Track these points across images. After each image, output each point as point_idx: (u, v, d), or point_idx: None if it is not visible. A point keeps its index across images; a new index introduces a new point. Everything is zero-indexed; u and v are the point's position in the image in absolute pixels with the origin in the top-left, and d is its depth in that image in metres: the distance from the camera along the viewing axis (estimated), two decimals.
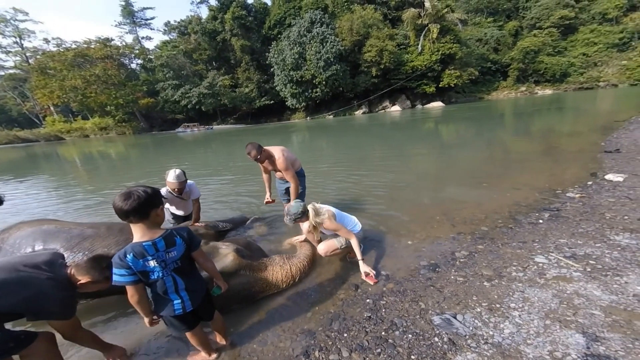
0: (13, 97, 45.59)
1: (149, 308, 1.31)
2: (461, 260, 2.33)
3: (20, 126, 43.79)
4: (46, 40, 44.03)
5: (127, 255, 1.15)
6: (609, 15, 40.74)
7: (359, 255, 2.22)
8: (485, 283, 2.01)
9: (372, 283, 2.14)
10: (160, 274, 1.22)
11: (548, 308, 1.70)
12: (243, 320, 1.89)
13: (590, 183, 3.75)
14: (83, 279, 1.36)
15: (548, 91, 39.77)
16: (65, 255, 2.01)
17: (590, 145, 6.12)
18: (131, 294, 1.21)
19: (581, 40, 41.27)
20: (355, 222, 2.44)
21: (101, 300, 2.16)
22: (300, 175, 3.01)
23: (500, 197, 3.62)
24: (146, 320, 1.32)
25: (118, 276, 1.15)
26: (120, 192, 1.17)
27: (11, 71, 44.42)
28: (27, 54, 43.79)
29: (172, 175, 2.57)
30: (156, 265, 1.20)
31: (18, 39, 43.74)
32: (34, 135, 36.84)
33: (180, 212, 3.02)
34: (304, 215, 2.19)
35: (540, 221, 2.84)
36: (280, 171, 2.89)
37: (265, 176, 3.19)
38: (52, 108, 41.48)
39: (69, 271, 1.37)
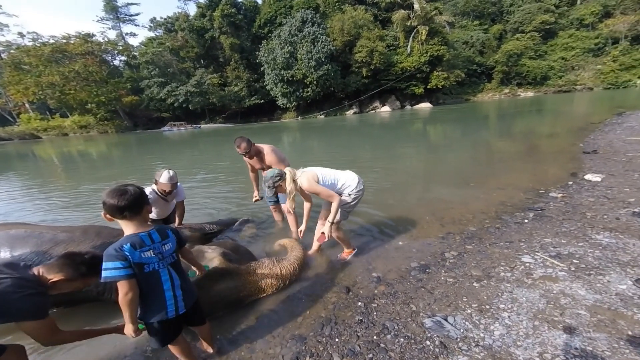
0: None
1: (137, 311, 1.22)
2: (451, 260, 2.34)
3: None
4: (21, 35, 41.65)
5: (124, 246, 1.11)
6: (586, 21, 42.84)
7: (331, 217, 2.15)
8: (474, 284, 2.02)
9: (319, 243, 2.30)
10: (156, 266, 1.18)
11: (536, 308, 1.73)
12: (231, 326, 1.82)
13: (570, 183, 3.89)
14: (56, 277, 1.25)
15: (529, 93, 41.35)
16: (36, 262, 1.86)
17: (569, 146, 6.38)
18: (125, 290, 1.12)
19: (560, 44, 43.17)
20: (346, 184, 2.27)
21: (67, 311, 2.02)
22: None
23: (486, 196, 3.70)
24: (130, 328, 1.20)
25: (111, 270, 1.08)
26: (111, 189, 1.15)
27: None
28: (0, 48, 41.30)
29: (165, 177, 2.43)
30: (153, 256, 1.17)
31: None
32: (7, 133, 34.72)
33: (156, 215, 2.74)
34: (281, 178, 2.11)
35: (526, 221, 2.90)
36: (268, 167, 2.81)
37: (252, 175, 3.12)
38: (27, 105, 39.25)
39: (36, 271, 1.26)
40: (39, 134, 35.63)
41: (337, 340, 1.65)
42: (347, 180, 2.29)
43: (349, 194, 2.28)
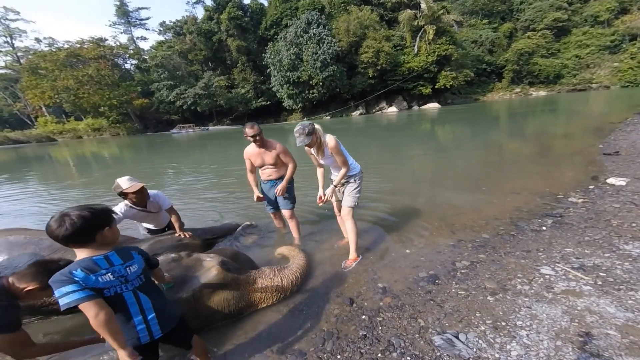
0: (4, 97, 44.71)
1: (122, 333, 1.03)
2: (462, 271, 2.19)
3: (11, 127, 42.95)
4: (38, 40, 43.47)
5: (74, 271, 0.97)
6: (601, 18, 41.42)
7: (336, 181, 2.37)
8: (488, 297, 1.87)
9: (319, 204, 2.46)
10: (119, 289, 1.04)
11: (558, 327, 1.57)
12: (228, 339, 1.73)
13: (592, 187, 3.65)
14: (29, 286, 1.19)
15: (542, 92, 40.23)
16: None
17: (587, 147, 6.07)
18: (94, 312, 0.93)
19: (574, 42, 41.88)
20: (353, 165, 2.48)
21: (47, 323, 1.94)
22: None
23: (500, 201, 3.51)
24: (123, 354, 0.97)
25: (68, 295, 0.91)
26: (53, 216, 1.01)
27: (2, 71, 43.58)
28: (19, 54, 43.05)
29: (124, 180, 2.20)
30: (113, 279, 1.03)
31: (9, 39, 43.06)
32: (25, 136, 36.14)
33: (152, 226, 2.65)
34: (314, 130, 2.26)
35: (544, 228, 2.72)
36: (271, 165, 2.70)
37: (250, 176, 2.86)
38: (43, 109, 40.78)
39: (5, 281, 1.20)
40: (55, 137, 36.90)
41: (338, 357, 1.54)
42: (354, 163, 2.49)
43: (354, 177, 2.45)
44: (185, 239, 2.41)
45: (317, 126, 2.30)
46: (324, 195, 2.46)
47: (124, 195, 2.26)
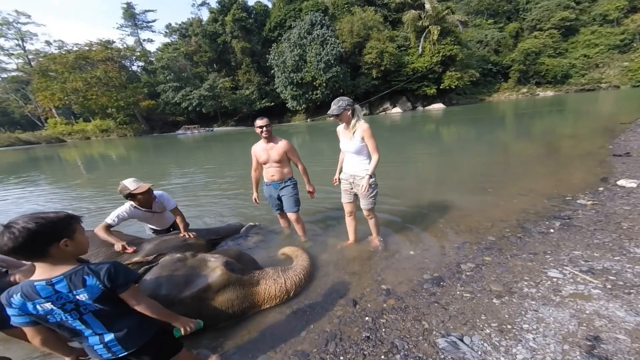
0: (15, 99, 45.76)
1: (64, 346, 1.09)
2: (467, 273, 2.17)
3: (22, 128, 43.95)
4: (48, 43, 44.41)
5: (14, 297, 0.92)
6: (610, 17, 40.69)
7: (370, 170, 2.31)
8: (494, 300, 1.85)
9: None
10: (62, 317, 0.96)
11: (566, 330, 1.54)
12: (231, 339, 1.74)
13: (601, 189, 3.57)
14: None
15: (549, 93, 39.65)
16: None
17: (596, 148, 5.95)
18: (30, 336, 0.98)
19: (582, 41, 41.21)
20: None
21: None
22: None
23: (506, 203, 3.46)
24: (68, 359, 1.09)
25: (12, 317, 0.94)
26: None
27: (14, 73, 44.65)
28: (30, 57, 44.07)
29: (129, 181, 2.27)
30: (54, 308, 0.93)
31: (20, 42, 44.07)
32: (36, 137, 36.90)
33: (156, 227, 2.69)
34: (348, 108, 2.25)
35: (551, 230, 2.67)
36: (276, 163, 2.65)
37: (254, 174, 2.86)
38: (53, 110, 41.61)
39: (12, 279, 1.22)
40: (64, 138, 37.60)
41: (341, 358, 1.54)
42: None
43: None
44: (190, 239, 2.43)
45: (357, 106, 2.34)
46: (362, 187, 2.35)
47: (130, 196, 2.29)
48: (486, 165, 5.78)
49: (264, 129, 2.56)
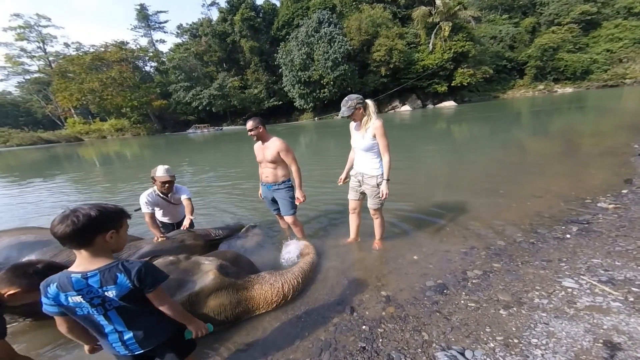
0: (38, 100, 47.90)
1: (86, 335, 1.15)
2: (473, 281, 2.05)
3: (44, 128, 45.97)
4: (66, 45, 46.16)
5: (50, 286, 0.96)
6: (636, 9, 38.42)
7: (386, 174, 2.28)
8: (501, 311, 1.72)
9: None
10: (89, 311, 0.99)
11: (579, 347, 1.41)
12: (223, 345, 1.70)
13: (625, 192, 3.33)
14: (10, 290, 1.19)
15: (568, 89, 37.90)
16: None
17: (619, 147, 5.59)
18: (58, 323, 1.07)
19: (604, 36, 39.13)
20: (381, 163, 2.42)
21: (40, 323, 1.94)
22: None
23: (519, 205, 3.28)
24: (86, 348, 1.19)
25: (44, 305, 1.00)
26: (64, 211, 0.96)
27: (36, 75, 46.70)
28: (50, 58, 45.97)
29: (161, 169, 2.49)
30: (82, 301, 0.97)
31: (41, 44, 45.98)
32: (56, 136, 38.56)
33: (167, 219, 2.80)
34: (359, 106, 2.20)
35: (568, 236, 2.50)
36: (270, 163, 2.58)
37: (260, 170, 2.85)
38: (72, 110, 43.33)
39: None
40: (82, 137, 39.14)
41: None
42: (381, 163, 2.40)
43: (379, 177, 2.36)
44: (188, 240, 2.41)
45: (369, 102, 2.26)
46: (382, 193, 2.34)
47: (153, 180, 2.53)
48: (499, 164, 5.53)
49: (252, 132, 2.55)
